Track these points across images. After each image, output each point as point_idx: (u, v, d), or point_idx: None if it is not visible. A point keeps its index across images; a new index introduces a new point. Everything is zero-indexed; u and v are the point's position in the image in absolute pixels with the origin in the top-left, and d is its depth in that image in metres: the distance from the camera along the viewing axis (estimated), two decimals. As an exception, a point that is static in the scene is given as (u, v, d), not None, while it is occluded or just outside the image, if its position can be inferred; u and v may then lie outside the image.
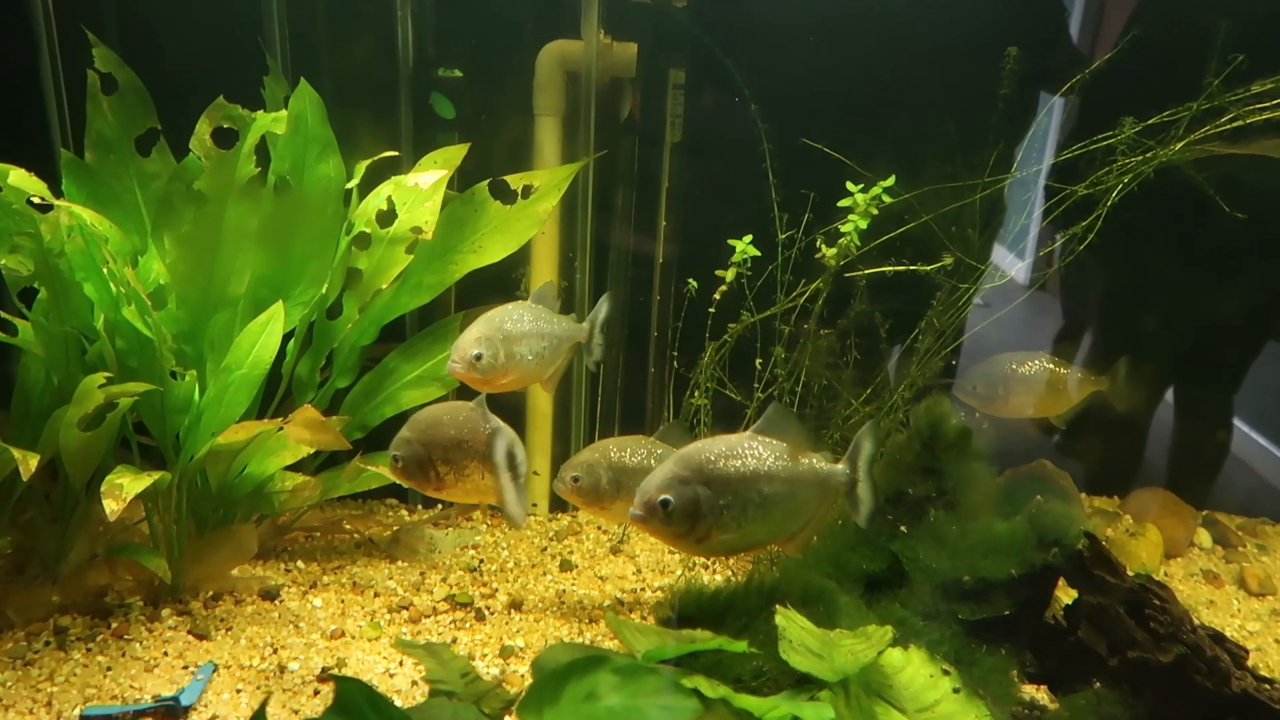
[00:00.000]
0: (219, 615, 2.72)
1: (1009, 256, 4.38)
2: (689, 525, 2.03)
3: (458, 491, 2.39)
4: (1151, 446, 4.01)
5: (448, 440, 2.33)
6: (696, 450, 2.09)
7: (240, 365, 2.69)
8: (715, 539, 2.08)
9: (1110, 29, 3.70)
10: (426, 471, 2.35)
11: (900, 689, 1.99)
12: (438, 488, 2.38)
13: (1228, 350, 3.86)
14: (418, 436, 2.36)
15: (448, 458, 2.33)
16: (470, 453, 2.33)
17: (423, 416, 2.41)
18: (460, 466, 2.34)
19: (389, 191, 2.84)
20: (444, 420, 2.36)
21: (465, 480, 2.34)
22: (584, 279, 3.39)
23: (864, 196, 2.93)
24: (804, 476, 2.13)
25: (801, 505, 2.12)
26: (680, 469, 2.04)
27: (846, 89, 3.55)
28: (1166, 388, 3.97)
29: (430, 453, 2.33)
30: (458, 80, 3.27)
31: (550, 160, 3.29)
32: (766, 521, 2.09)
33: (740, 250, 3.04)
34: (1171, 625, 2.21)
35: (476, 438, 2.33)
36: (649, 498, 2.01)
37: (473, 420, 2.36)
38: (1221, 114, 2.98)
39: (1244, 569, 3.40)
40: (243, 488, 2.83)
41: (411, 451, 2.35)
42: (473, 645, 2.68)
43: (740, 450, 2.08)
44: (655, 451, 2.50)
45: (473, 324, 2.58)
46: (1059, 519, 2.45)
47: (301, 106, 2.86)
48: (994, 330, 3.46)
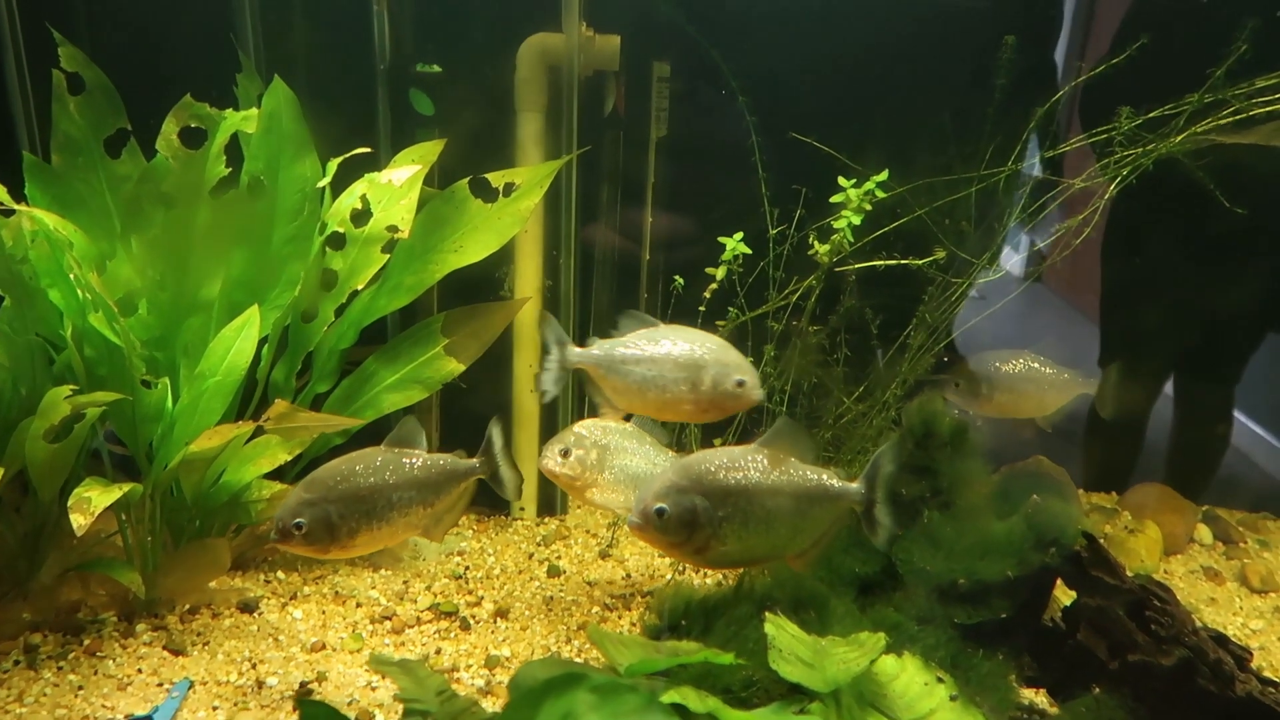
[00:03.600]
0: (195, 629, 2.65)
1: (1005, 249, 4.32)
2: (686, 535, 1.99)
3: (361, 546, 2.17)
4: (1151, 441, 3.96)
5: (365, 491, 2.11)
6: (698, 460, 2.06)
7: (215, 372, 2.61)
8: (715, 550, 2.03)
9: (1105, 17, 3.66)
10: (335, 533, 2.09)
11: (894, 698, 1.93)
12: (342, 548, 2.13)
13: (1228, 343, 3.80)
14: (324, 496, 2.08)
15: (367, 510, 2.10)
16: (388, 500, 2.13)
17: (325, 474, 2.13)
18: (379, 517, 2.13)
19: (363, 189, 2.76)
20: (356, 470, 2.13)
21: (378, 531, 2.13)
22: (569, 277, 3.31)
23: (856, 191, 2.86)
24: (812, 493, 2.08)
25: (809, 522, 2.07)
26: (679, 478, 2.00)
27: (836, 79, 3.49)
28: (1166, 380, 3.92)
29: (343, 511, 2.08)
30: (436, 76, 3.20)
31: (533, 156, 3.21)
32: (770, 536, 2.04)
33: (731, 248, 2.97)
34: (1173, 627, 2.14)
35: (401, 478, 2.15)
36: (645, 505, 1.97)
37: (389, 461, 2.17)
38: (1224, 106, 2.92)
39: (1245, 565, 3.34)
40: (219, 497, 2.75)
41: (320, 514, 2.07)
42: (457, 656, 2.61)
43: (743, 463, 2.03)
44: (635, 434, 2.44)
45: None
46: (1057, 518, 2.38)
47: (275, 104, 2.78)
48: (989, 324, 3.41)
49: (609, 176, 3.53)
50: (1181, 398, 3.92)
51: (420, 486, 2.15)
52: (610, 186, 3.55)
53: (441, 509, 2.20)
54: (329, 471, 2.10)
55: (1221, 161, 2.96)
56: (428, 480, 2.17)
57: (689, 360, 2.20)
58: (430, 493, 2.17)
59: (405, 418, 2.26)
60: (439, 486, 2.19)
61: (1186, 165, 2.96)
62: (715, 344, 2.24)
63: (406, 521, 2.14)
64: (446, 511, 2.22)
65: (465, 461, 2.26)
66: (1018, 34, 3.07)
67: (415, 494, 2.14)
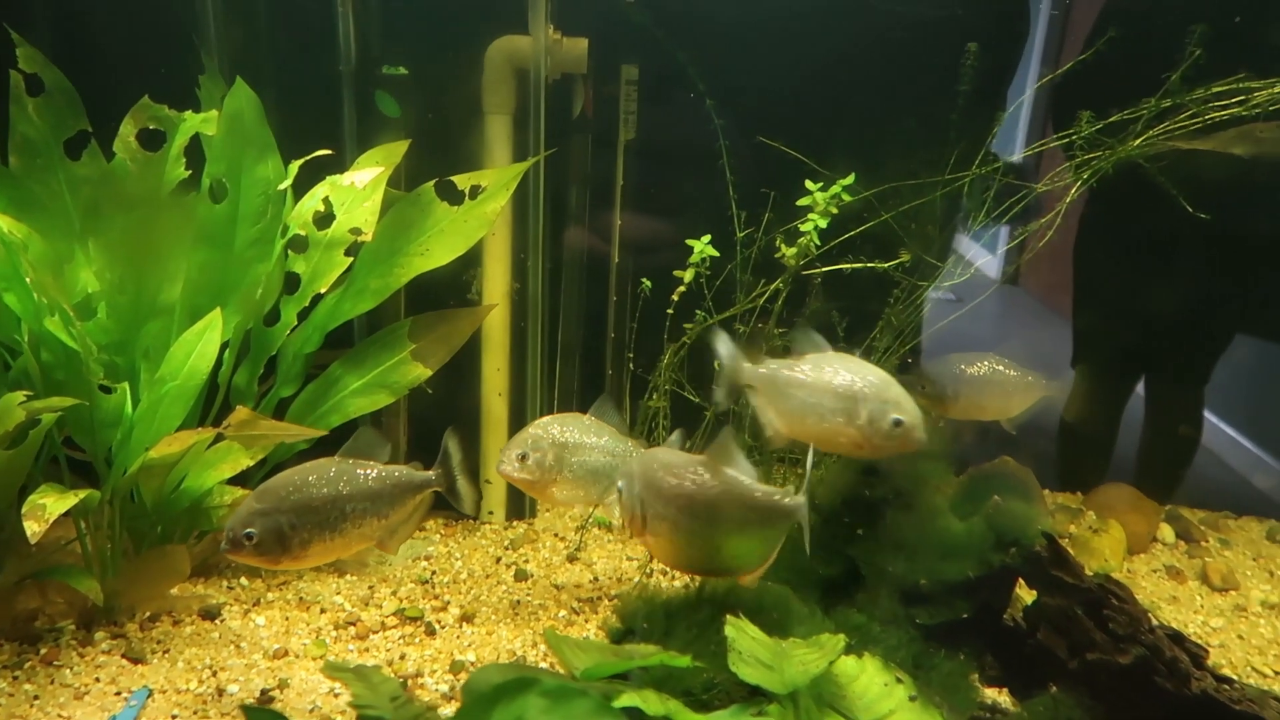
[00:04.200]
0: (155, 637, 2.62)
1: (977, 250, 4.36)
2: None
3: (314, 557, 2.13)
4: (1123, 441, 4.00)
5: (318, 502, 2.07)
6: (646, 457, 2.13)
7: (175, 376, 2.59)
8: (651, 541, 2.08)
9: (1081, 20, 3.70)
10: (287, 544, 2.05)
11: (854, 698, 1.94)
12: (294, 559, 2.09)
13: (1198, 344, 3.85)
14: (276, 506, 2.04)
15: (320, 521, 2.07)
16: (341, 511, 2.10)
17: (278, 484, 2.09)
18: (332, 528, 2.09)
19: (325, 192, 2.75)
20: (309, 481, 2.10)
21: (331, 542, 2.09)
22: (536, 281, 3.31)
23: (823, 195, 2.87)
24: (756, 504, 2.03)
25: (747, 534, 2.04)
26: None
27: (805, 83, 3.51)
28: (1137, 381, 3.96)
29: (294, 521, 2.04)
30: (403, 78, 3.19)
31: (500, 159, 3.21)
32: (702, 542, 2.03)
33: (698, 250, 2.98)
34: (1130, 626, 2.17)
35: (355, 489, 2.12)
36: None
37: (343, 472, 2.14)
38: (1185, 110, 2.95)
39: (1206, 564, 3.38)
40: (180, 503, 2.72)
41: (272, 525, 2.02)
42: (421, 661, 2.60)
43: (682, 470, 2.03)
44: (593, 427, 2.43)
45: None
46: (1017, 519, 2.41)
47: (238, 106, 2.76)
48: (964, 324, 3.43)
49: (577, 179, 3.53)
50: (1152, 398, 3.97)
51: (374, 498, 2.13)
52: (579, 189, 3.55)
53: (396, 521, 2.18)
54: (282, 481, 2.07)
55: (1190, 166, 3.00)
56: (382, 492, 2.15)
57: (847, 391, 2.12)
58: (385, 504, 2.15)
59: (362, 428, 2.24)
60: (394, 498, 2.17)
61: (1147, 169, 2.99)
62: (879, 378, 2.15)
63: (360, 533, 2.12)
64: (402, 523, 2.20)
65: (421, 473, 2.24)
66: (984, 40, 3.11)
67: (369, 505, 2.12)
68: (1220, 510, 3.87)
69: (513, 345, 3.35)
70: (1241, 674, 2.84)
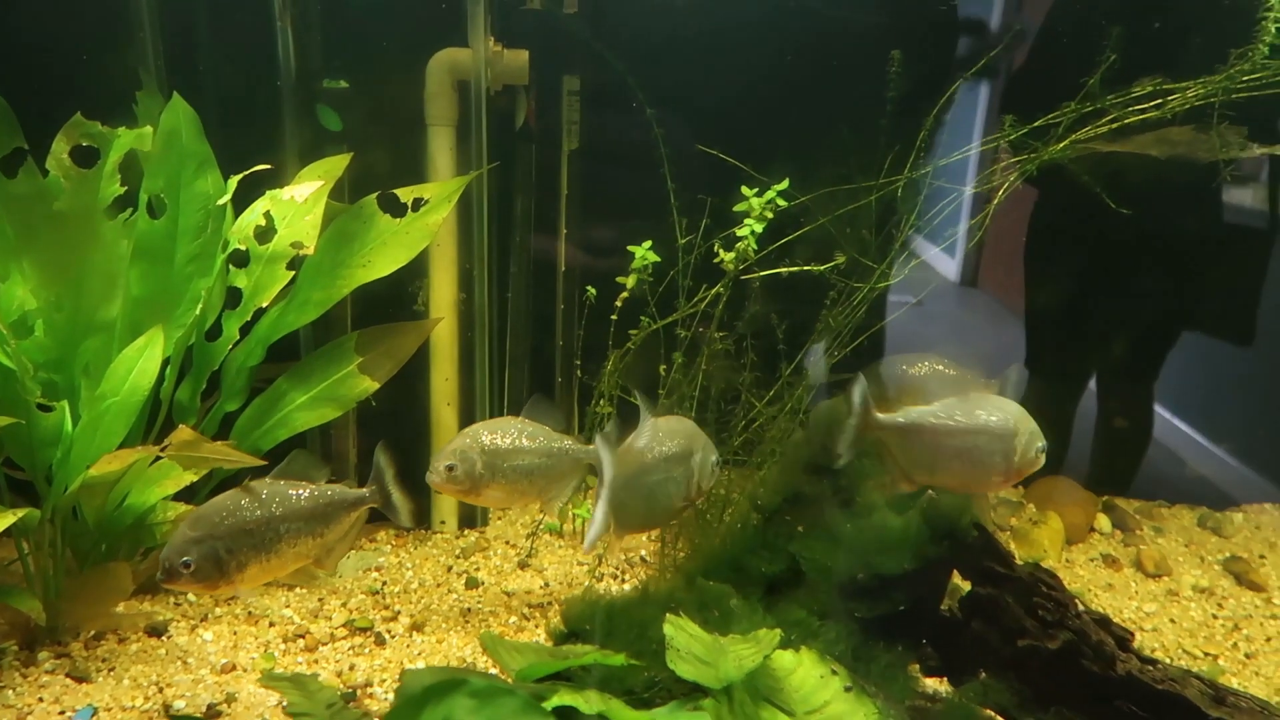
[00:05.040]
0: (100, 655, 2.60)
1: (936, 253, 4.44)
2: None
3: (251, 580, 2.13)
4: (1077, 435, 4.10)
5: (253, 525, 2.08)
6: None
7: (115, 393, 2.58)
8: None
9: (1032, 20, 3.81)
10: (224, 569, 2.04)
11: (791, 691, 1.98)
12: (231, 583, 2.08)
13: (1146, 342, 3.97)
14: (211, 533, 2.04)
15: (256, 544, 2.08)
16: (276, 533, 2.11)
17: (211, 509, 2.09)
18: (268, 550, 2.10)
19: (266, 206, 2.75)
20: (242, 504, 2.10)
21: (268, 564, 2.11)
22: (483, 291, 3.33)
23: (759, 200, 2.93)
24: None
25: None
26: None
27: (744, 92, 3.58)
28: (1089, 378, 4.07)
29: (230, 545, 2.04)
30: (344, 91, 3.20)
31: (444, 171, 3.23)
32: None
33: (640, 256, 3.02)
34: (1058, 612, 2.24)
35: (289, 510, 2.14)
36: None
37: (276, 493, 2.15)
38: (1119, 111, 3.05)
39: (1141, 551, 3.49)
40: (122, 520, 2.71)
41: (208, 551, 2.02)
42: (371, 671, 2.61)
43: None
44: (526, 429, 2.46)
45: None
46: (950, 512, 2.47)
47: (175, 122, 2.76)
48: (923, 326, 3.50)
49: (522, 189, 3.56)
50: (1104, 395, 4.08)
51: (309, 518, 2.15)
52: (524, 199, 3.58)
53: (332, 539, 2.19)
54: (215, 507, 2.07)
55: (1113, 167, 3.10)
56: (316, 511, 2.17)
57: (1004, 430, 2.20)
58: (319, 523, 2.17)
59: (296, 451, 2.25)
60: (328, 517, 2.19)
61: (1073, 171, 3.09)
62: (1016, 408, 2.26)
63: (296, 553, 2.13)
64: (338, 541, 2.22)
65: (354, 490, 2.26)
66: (916, 47, 3.19)
67: (304, 525, 2.14)
68: (1155, 499, 3.99)
69: (461, 355, 3.37)
70: (1173, 656, 2.94)
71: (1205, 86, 2.97)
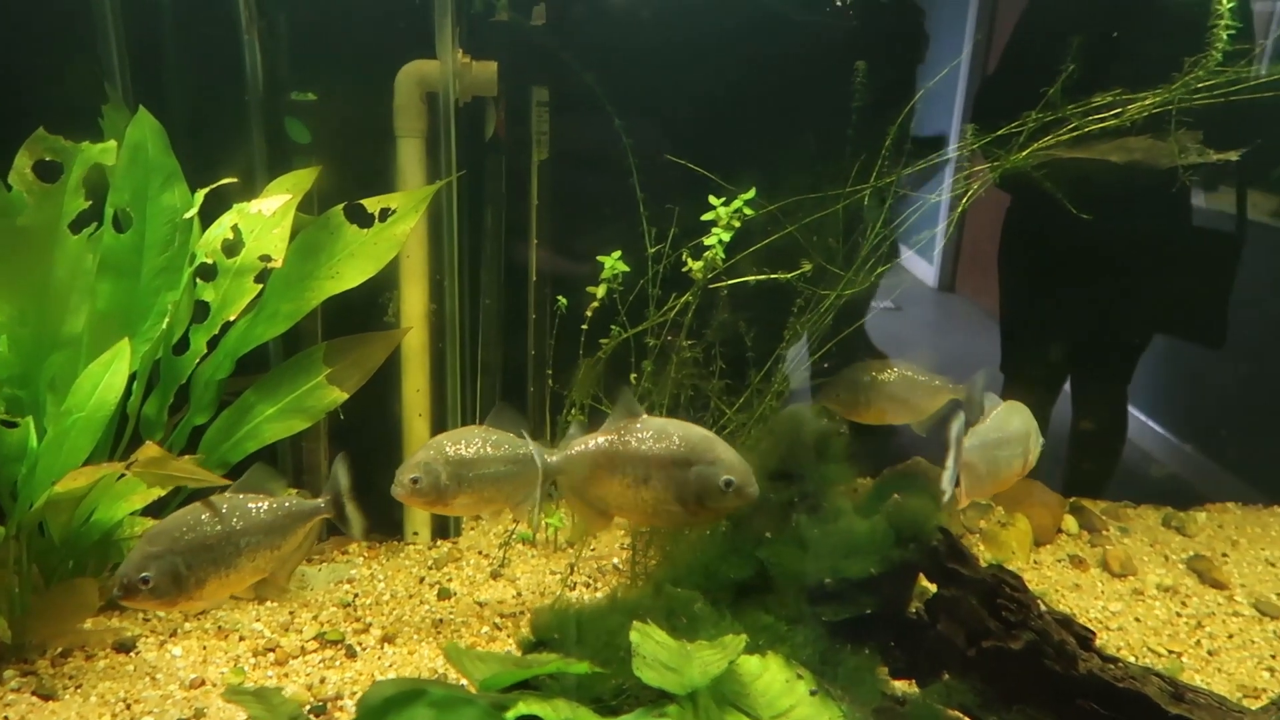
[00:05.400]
0: (68, 672, 2.58)
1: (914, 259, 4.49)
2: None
3: (209, 596, 2.14)
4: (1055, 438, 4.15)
5: (212, 539, 2.08)
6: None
7: (81, 408, 2.56)
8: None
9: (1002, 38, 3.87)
10: (183, 584, 2.07)
11: (757, 696, 2.01)
12: (190, 599, 2.09)
13: (1119, 345, 4.03)
14: (170, 548, 2.05)
15: (215, 558, 2.08)
16: (235, 547, 2.12)
17: (170, 524, 2.11)
18: (227, 565, 2.11)
19: (233, 219, 2.75)
20: (202, 519, 2.12)
21: (226, 578, 2.11)
22: (453, 301, 3.34)
23: (725, 210, 2.96)
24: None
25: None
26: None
27: (713, 101, 3.61)
28: (1064, 381, 4.13)
29: (190, 561, 2.05)
30: (312, 103, 3.21)
31: (413, 182, 3.24)
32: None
33: (609, 266, 3.05)
34: (1021, 612, 2.27)
35: (248, 524, 2.14)
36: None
37: (235, 507, 2.16)
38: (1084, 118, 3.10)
39: (1107, 552, 3.54)
40: (90, 536, 2.69)
41: (167, 566, 2.03)
42: (342, 684, 2.60)
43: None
44: (490, 438, 2.47)
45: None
46: (916, 515, 2.50)
47: (141, 135, 2.76)
48: (906, 330, 3.53)
49: (493, 200, 3.58)
50: (1078, 397, 4.13)
51: (267, 530, 2.15)
52: (494, 210, 3.60)
53: (287, 551, 2.20)
54: (174, 521, 2.07)
55: (1078, 173, 3.16)
56: (274, 524, 2.17)
57: (1024, 432, 2.57)
58: (277, 536, 2.17)
59: (256, 465, 2.26)
60: (285, 529, 2.19)
61: (1035, 177, 3.14)
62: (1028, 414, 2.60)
63: (254, 566, 2.13)
64: (292, 553, 2.22)
65: (310, 502, 2.27)
66: (885, 53, 3.24)
67: (262, 538, 2.14)
68: (1121, 500, 4.05)
69: (432, 366, 3.37)
70: (1139, 654, 2.99)
71: (1161, 95, 3.04)
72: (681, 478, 2.30)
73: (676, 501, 2.34)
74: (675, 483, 2.31)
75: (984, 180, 3.13)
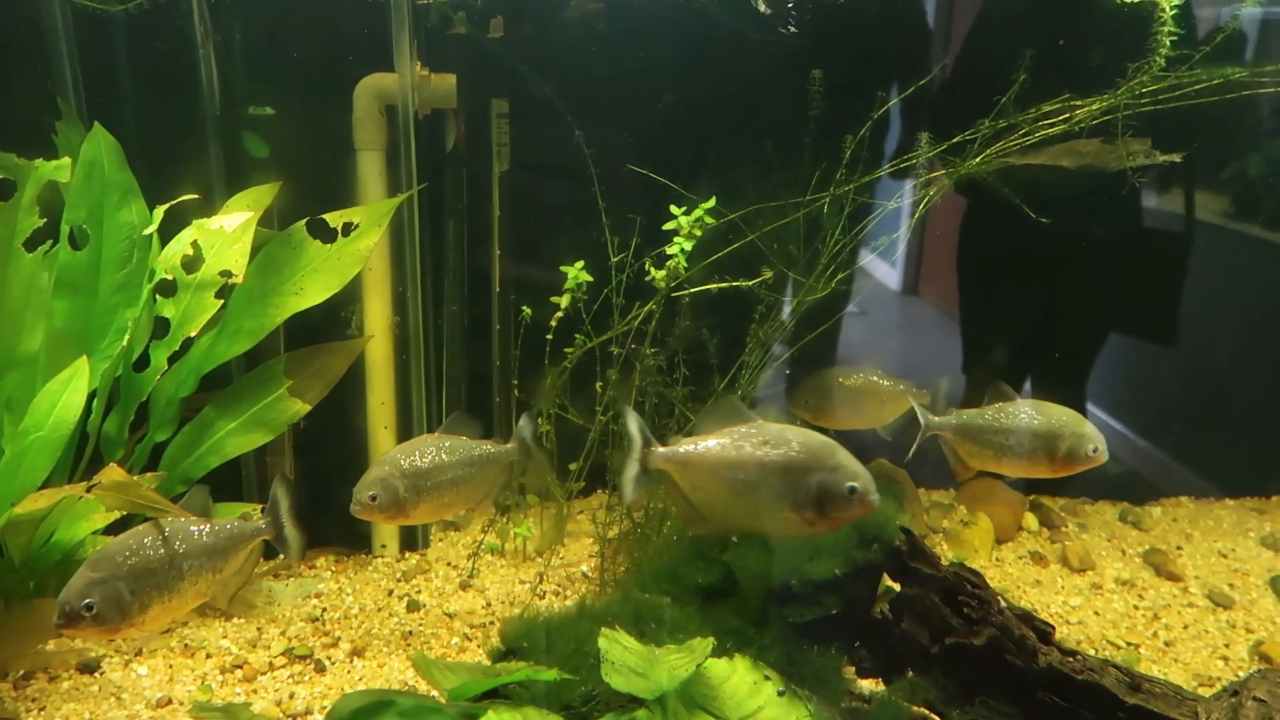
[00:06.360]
0: (30, 695, 2.55)
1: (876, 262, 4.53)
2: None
3: (151, 621, 2.11)
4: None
5: (156, 563, 2.06)
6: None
7: (39, 427, 2.53)
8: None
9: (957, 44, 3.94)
10: (126, 611, 2.03)
11: (725, 698, 2.03)
12: (132, 625, 2.06)
13: (1075, 345, 4.11)
14: (113, 574, 2.02)
15: (158, 583, 2.07)
16: (178, 571, 2.11)
17: (113, 549, 2.08)
18: (170, 589, 2.09)
19: (193, 235, 2.74)
20: (145, 543, 2.09)
21: (169, 603, 2.09)
22: (417, 313, 3.34)
23: (687, 219, 2.99)
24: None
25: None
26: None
27: (673, 111, 3.65)
28: (1024, 382, 4.20)
29: (134, 586, 2.02)
30: (270, 118, 3.19)
31: (374, 195, 3.24)
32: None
33: (573, 276, 3.06)
34: (982, 609, 2.32)
35: (190, 547, 2.13)
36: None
37: (177, 530, 2.14)
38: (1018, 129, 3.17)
39: (1066, 547, 3.62)
40: (50, 557, 2.66)
41: (111, 592, 1.99)
42: (311, 699, 2.59)
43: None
44: (444, 444, 2.49)
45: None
46: (878, 517, 2.54)
47: (96, 152, 2.74)
48: (868, 335, 3.55)
49: (454, 212, 3.58)
50: (1038, 396, 4.20)
51: (209, 553, 2.15)
52: (456, 221, 3.60)
53: (229, 574, 2.19)
54: (116, 547, 2.05)
55: (1029, 178, 3.23)
56: (216, 546, 2.17)
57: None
58: (219, 558, 2.17)
59: (195, 487, 2.26)
60: (226, 551, 2.19)
61: (989, 183, 3.21)
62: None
63: (196, 590, 2.12)
64: (233, 575, 2.21)
65: (250, 524, 2.26)
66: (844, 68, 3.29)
67: (205, 561, 2.14)
68: (1079, 496, 4.13)
69: (396, 378, 3.37)
70: (1098, 647, 3.05)
71: (1108, 100, 3.12)
72: (800, 485, 2.14)
73: (793, 509, 2.16)
74: (793, 490, 2.14)
75: (941, 186, 3.19)
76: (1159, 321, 4.07)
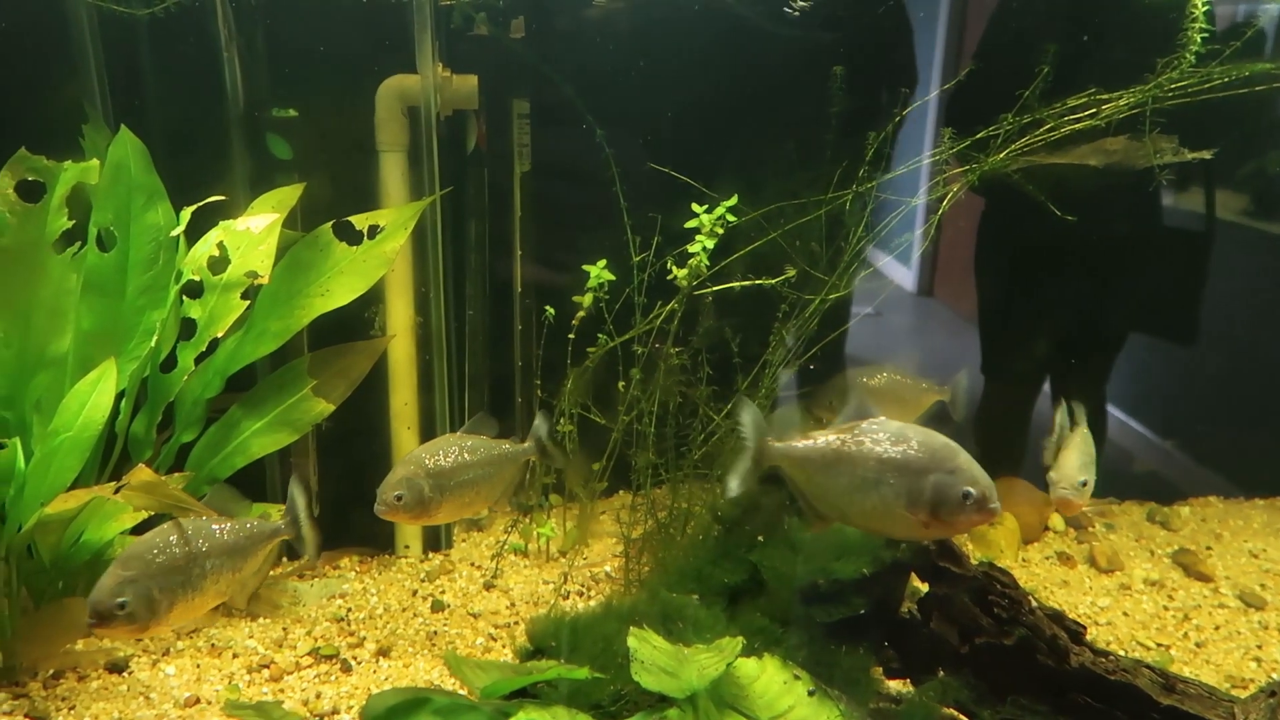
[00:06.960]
0: (60, 694, 2.56)
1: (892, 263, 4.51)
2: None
3: (174, 620, 2.10)
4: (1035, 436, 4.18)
5: (181, 562, 2.06)
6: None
7: (69, 428, 2.55)
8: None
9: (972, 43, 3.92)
10: (156, 609, 2.02)
11: (755, 698, 2.02)
12: (159, 624, 2.06)
13: (1096, 345, 4.08)
14: (144, 572, 2.02)
15: (184, 581, 2.06)
16: (202, 569, 2.10)
17: (142, 548, 2.08)
18: (193, 588, 2.09)
19: (219, 237, 2.75)
20: (171, 542, 2.09)
21: (192, 602, 2.09)
22: (439, 313, 3.35)
23: (709, 217, 2.98)
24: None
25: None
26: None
27: (694, 110, 3.64)
28: (1044, 381, 4.17)
29: (163, 585, 2.03)
30: (293, 120, 3.21)
31: (397, 197, 3.25)
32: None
33: (595, 275, 3.06)
34: (1012, 609, 2.30)
35: (213, 546, 2.13)
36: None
37: (200, 529, 2.14)
38: (1053, 123, 3.13)
39: (1094, 548, 3.58)
40: (80, 556, 2.67)
41: (142, 591, 2.00)
42: (338, 698, 2.59)
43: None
44: (465, 444, 2.49)
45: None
46: (905, 515, 2.52)
47: (123, 154, 2.75)
48: (885, 336, 3.53)
49: (476, 212, 3.59)
50: (1058, 396, 4.17)
51: (231, 552, 2.15)
52: (478, 222, 3.61)
53: (248, 573, 2.20)
54: (145, 546, 2.06)
55: (1057, 176, 3.20)
56: (237, 545, 2.16)
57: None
58: (239, 558, 2.17)
59: (217, 486, 2.26)
60: (247, 551, 2.19)
61: (1014, 180, 3.18)
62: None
63: (217, 589, 2.12)
64: (252, 575, 2.22)
65: (270, 524, 2.27)
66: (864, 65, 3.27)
67: (226, 560, 2.13)
68: (1105, 497, 4.09)
69: (419, 379, 3.38)
70: (1128, 648, 3.02)
71: (1136, 95, 3.08)
72: (916, 485, 2.03)
73: (908, 510, 2.06)
74: (909, 489, 2.04)
75: (962, 184, 3.16)
76: (1178, 321, 4.03)
